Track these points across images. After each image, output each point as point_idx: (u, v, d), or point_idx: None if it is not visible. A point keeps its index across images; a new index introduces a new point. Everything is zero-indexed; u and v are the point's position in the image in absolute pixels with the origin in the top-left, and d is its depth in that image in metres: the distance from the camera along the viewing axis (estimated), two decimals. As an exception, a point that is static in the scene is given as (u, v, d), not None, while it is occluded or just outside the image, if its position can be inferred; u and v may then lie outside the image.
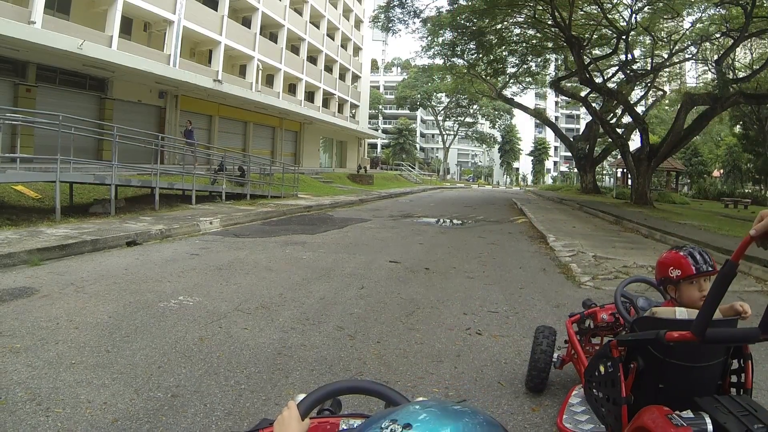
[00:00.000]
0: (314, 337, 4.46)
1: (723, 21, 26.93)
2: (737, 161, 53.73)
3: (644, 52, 33.76)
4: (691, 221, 17.33)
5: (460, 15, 26.18)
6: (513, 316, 5.36)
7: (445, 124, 75.00)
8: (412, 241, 10.97)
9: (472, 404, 0.94)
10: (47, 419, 2.86)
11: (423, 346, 4.40)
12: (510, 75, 35.75)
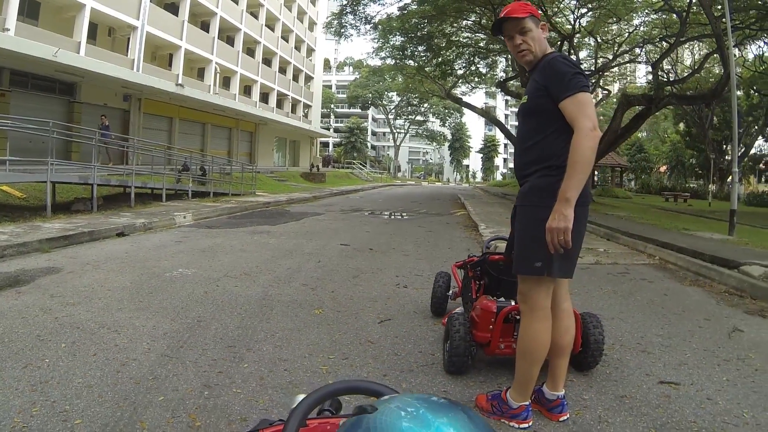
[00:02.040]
0: (286, 290, 6.17)
1: (663, 26, 28.22)
2: (681, 157, 55.88)
3: (590, 53, 34.50)
4: (619, 213, 19.19)
5: (410, 21, 27.05)
6: (432, 275, 7.02)
7: (396, 122, 76.27)
8: (359, 230, 12.77)
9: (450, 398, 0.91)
10: (119, 335, 4.37)
11: (364, 294, 6.17)
12: (458, 76, 36.57)
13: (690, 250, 10.08)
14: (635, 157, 60.59)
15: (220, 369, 3.71)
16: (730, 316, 5.93)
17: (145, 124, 26.43)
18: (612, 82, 44.32)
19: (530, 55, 3.13)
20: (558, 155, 2.95)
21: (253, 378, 3.60)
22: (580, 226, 2.96)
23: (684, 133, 50.70)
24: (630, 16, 28.33)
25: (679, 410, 3.42)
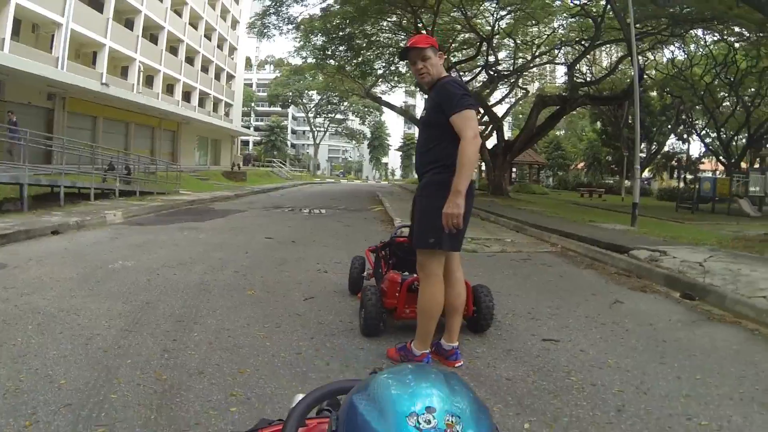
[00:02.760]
0: (220, 277, 6.78)
1: (580, 29, 29.03)
2: (597, 155, 56.78)
3: (509, 54, 34.99)
4: (532, 207, 20.32)
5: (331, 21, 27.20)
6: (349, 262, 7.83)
7: (315, 120, 75.47)
8: (282, 225, 13.36)
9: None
10: (78, 317, 4.85)
11: (290, 278, 6.87)
12: (378, 76, 36.60)
13: (589, 238, 11.11)
14: (553, 155, 61.31)
15: (174, 338, 4.33)
16: (614, 292, 6.94)
17: (70, 123, 25.73)
18: (530, 81, 44.88)
19: (428, 77, 3.97)
20: (448, 157, 3.77)
21: (203, 343, 4.25)
22: (466, 211, 3.77)
23: (600, 132, 52.00)
24: (549, 19, 28.74)
25: (556, 359, 4.29)
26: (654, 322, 5.54)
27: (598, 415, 3.33)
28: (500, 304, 5.43)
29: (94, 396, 3.22)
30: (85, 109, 27.70)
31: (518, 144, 29.82)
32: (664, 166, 58.05)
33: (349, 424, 0.87)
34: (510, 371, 4.01)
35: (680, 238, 11.59)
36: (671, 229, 14.37)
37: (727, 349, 4.72)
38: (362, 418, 0.85)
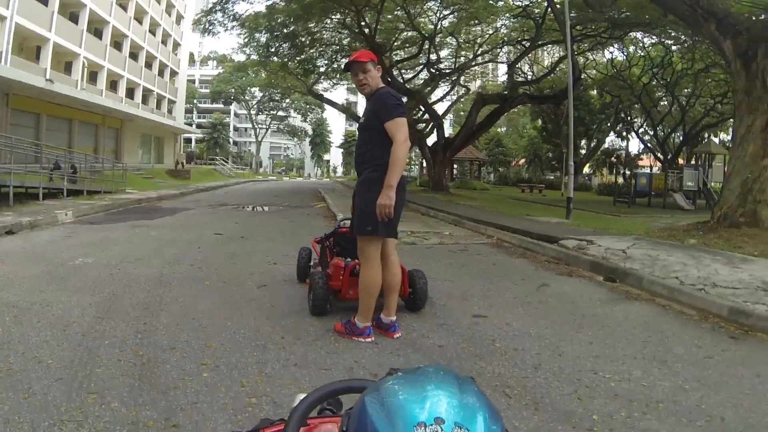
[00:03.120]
0: (177, 270, 7.22)
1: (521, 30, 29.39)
2: (538, 151, 57.18)
3: (451, 52, 34.84)
4: (471, 203, 20.97)
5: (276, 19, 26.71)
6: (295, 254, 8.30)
7: (258, 117, 74.59)
8: (229, 222, 13.74)
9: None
10: (51, 308, 5.18)
11: (242, 270, 7.37)
12: (320, 73, 36.18)
13: (523, 230, 11.83)
14: (494, 151, 61.24)
15: (144, 322, 4.81)
16: (543, 277, 7.70)
17: (13, 121, 24.84)
18: (472, 79, 44.90)
19: (368, 88, 4.63)
20: (383, 157, 4.43)
21: (171, 325, 4.75)
22: (398, 203, 4.44)
23: (541, 129, 52.32)
24: (491, 18, 28.97)
25: (484, 330, 4.98)
26: (576, 301, 6.32)
27: (517, 372, 4.01)
28: (436, 289, 6.13)
29: (81, 371, 3.66)
30: (29, 106, 26.84)
31: (458, 141, 30.17)
32: (603, 163, 58.39)
33: (360, 427, 0.87)
34: (442, 340, 4.68)
35: (609, 230, 12.49)
36: (604, 222, 15.32)
37: (638, 321, 5.51)
38: (371, 423, 0.85)
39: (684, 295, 6.50)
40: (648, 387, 3.79)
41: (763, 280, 6.82)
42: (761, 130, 11.82)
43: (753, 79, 12.13)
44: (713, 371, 4.14)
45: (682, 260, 8.17)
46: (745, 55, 12.32)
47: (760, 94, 11.97)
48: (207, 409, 3.16)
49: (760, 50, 12.00)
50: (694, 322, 5.60)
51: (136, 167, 33.91)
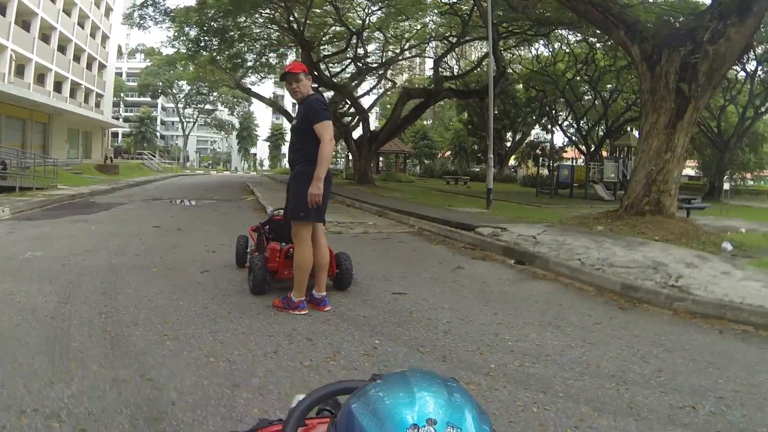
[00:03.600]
0: (124, 259, 7.66)
1: (448, 26, 29.55)
2: (464, 144, 56.15)
3: (378, 46, 34.56)
4: (395, 194, 21.42)
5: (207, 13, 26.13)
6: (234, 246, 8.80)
7: (185, 111, 72.60)
8: (165, 215, 14.00)
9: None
10: (14, 297, 5.47)
11: (184, 258, 7.90)
12: (248, 68, 35.67)
13: (442, 219, 12.58)
14: (419, 144, 60.24)
15: (105, 304, 5.32)
16: (458, 261, 8.55)
17: None
18: (399, 73, 44.93)
19: (300, 94, 5.36)
20: (312, 154, 5.18)
21: (129, 306, 5.28)
22: (326, 193, 5.23)
23: (467, 122, 51.38)
24: (419, 14, 29.03)
25: (402, 305, 5.76)
26: (487, 281, 7.18)
27: (431, 335, 4.81)
28: (360, 271, 6.85)
29: (58, 346, 4.16)
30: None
31: (384, 134, 30.27)
32: (529, 155, 58.08)
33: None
34: (366, 312, 5.42)
35: (526, 219, 13.43)
36: (523, 212, 16.25)
37: (541, 297, 6.42)
38: (360, 429, 0.84)
39: (584, 274, 7.39)
40: (540, 345, 4.64)
41: (655, 260, 7.84)
42: (664, 127, 12.57)
43: (657, 81, 12.87)
44: (599, 333, 5.05)
45: (585, 244, 9.14)
46: (650, 59, 13.06)
47: (664, 94, 12.69)
48: (175, 367, 3.79)
49: (663, 55, 12.74)
50: (591, 297, 6.54)
51: (64, 162, 32.48)
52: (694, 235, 11.13)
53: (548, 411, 3.38)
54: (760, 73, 34.60)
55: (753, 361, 4.43)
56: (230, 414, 3.14)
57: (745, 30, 12.17)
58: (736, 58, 14.80)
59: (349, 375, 3.81)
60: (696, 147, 45.35)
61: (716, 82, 13.99)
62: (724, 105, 36.80)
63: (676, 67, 12.60)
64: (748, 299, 5.90)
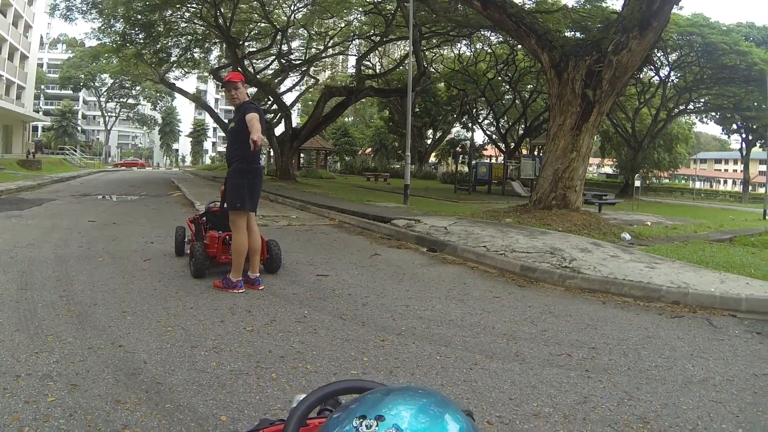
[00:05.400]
0: (69, 251, 7.70)
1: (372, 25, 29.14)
2: (384, 141, 55.44)
3: (302, 43, 33.61)
4: (316, 190, 21.30)
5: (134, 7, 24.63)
6: (170, 237, 8.96)
7: (107, 105, 68.28)
8: (97, 210, 13.71)
9: (430, 388, 0.95)
10: None
11: (126, 248, 8.05)
12: (173, 62, 33.97)
13: (361, 213, 13.05)
14: (340, 141, 57.62)
15: (63, 289, 5.54)
16: (375, 249, 9.12)
17: None
18: (321, 70, 43.69)
19: (238, 101, 5.85)
20: (246, 152, 5.65)
21: (86, 290, 5.54)
22: (256, 185, 5.84)
23: (387, 119, 50.62)
24: (344, 12, 28.28)
25: (326, 284, 6.33)
26: (401, 265, 7.84)
27: (351, 307, 5.41)
28: (287, 258, 7.30)
29: (31, 324, 4.40)
30: None
31: (306, 131, 29.63)
32: (449, 152, 55.85)
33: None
34: (294, 290, 5.96)
35: (441, 212, 14.06)
36: (440, 207, 16.83)
37: (448, 277, 7.14)
38: (331, 420, 0.85)
39: (488, 259, 8.11)
40: (444, 313, 5.34)
41: (553, 246, 8.69)
42: (570, 129, 13.00)
43: (564, 86, 13.21)
44: (496, 305, 5.81)
45: (492, 234, 9.91)
46: (558, 66, 13.39)
47: (570, 99, 13.07)
48: (139, 336, 4.20)
49: (571, 63, 13.10)
50: (493, 277, 7.30)
51: (-17, 159, 30.61)
52: (596, 227, 11.91)
53: (449, 358, 4.09)
54: (673, 78, 36.03)
55: (626, 324, 5.30)
56: (194, 367, 3.63)
57: (645, 43, 12.68)
58: (637, 67, 15.51)
59: (285, 337, 4.37)
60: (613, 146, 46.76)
61: (618, 89, 14.40)
62: (639, 107, 37.93)
63: (582, 75, 13.00)
64: (630, 277, 6.80)
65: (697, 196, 51.28)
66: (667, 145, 45.71)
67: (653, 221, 15.92)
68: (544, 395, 3.51)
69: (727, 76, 32.47)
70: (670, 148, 46.31)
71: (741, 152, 52.35)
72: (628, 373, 3.98)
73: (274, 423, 1.21)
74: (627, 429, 3.11)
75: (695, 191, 56.21)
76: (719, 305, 6.00)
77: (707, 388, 3.73)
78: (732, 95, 35.52)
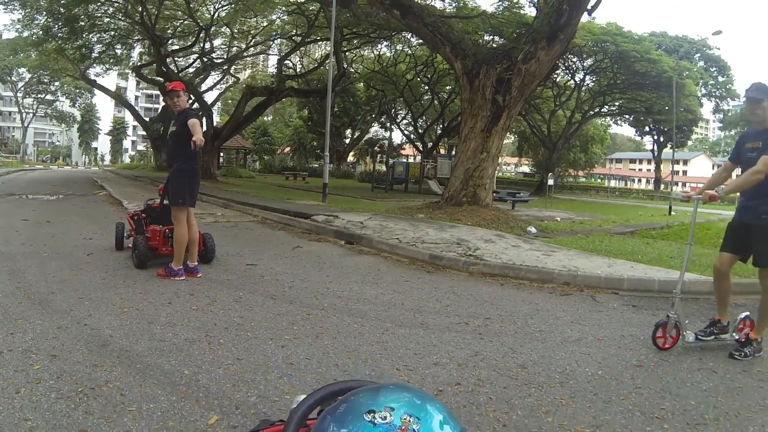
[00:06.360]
0: (13, 248, 7.69)
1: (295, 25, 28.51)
2: (303, 140, 53.11)
3: (224, 41, 32.48)
4: (238, 189, 21.12)
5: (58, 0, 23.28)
6: (106, 233, 9.19)
7: (24, 101, 62.99)
8: (27, 209, 13.18)
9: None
10: None
11: (66, 243, 8.15)
12: (95, 58, 32.30)
13: (282, 209, 13.39)
14: (260, 140, 55.74)
15: (18, 280, 5.75)
16: (297, 242, 9.64)
17: None
18: (242, 69, 42.48)
19: (179, 107, 6.31)
20: (188, 154, 6.17)
21: (40, 281, 5.78)
22: (195, 183, 6.33)
23: (306, 119, 48.83)
24: (267, 11, 27.45)
25: (255, 272, 6.85)
26: (321, 255, 8.43)
27: (279, 289, 6.00)
28: (218, 250, 7.63)
29: (6, 308, 4.77)
30: None
31: (227, 131, 28.98)
32: (367, 152, 54.27)
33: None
34: (228, 277, 6.48)
35: (357, 209, 14.55)
36: (358, 204, 17.25)
37: (364, 265, 7.81)
38: (327, 423, 0.81)
39: (400, 249, 8.75)
40: (360, 293, 6.03)
41: (460, 238, 9.45)
42: (481, 132, 13.49)
43: (476, 92, 13.65)
44: (407, 287, 6.55)
45: (404, 227, 10.59)
46: (470, 73, 13.84)
47: (481, 104, 13.52)
48: (100, 316, 4.63)
49: (482, 70, 13.55)
50: (404, 265, 8.01)
51: None
52: (505, 222, 12.64)
53: (365, 327, 4.81)
54: (588, 82, 36.97)
55: (520, 300, 6.15)
56: (153, 338, 4.16)
57: (553, 53, 13.27)
58: (545, 75, 15.56)
59: (226, 313, 4.95)
60: (530, 147, 47.46)
61: (527, 95, 14.90)
62: (555, 110, 38.59)
63: (493, 81, 13.45)
64: (527, 262, 7.63)
65: (611, 194, 52.03)
66: (583, 146, 46.53)
67: (563, 217, 16.66)
68: (443, 351, 4.28)
69: (639, 82, 33.44)
70: (586, 148, 47.12)
71: (653, 153, 54.30)
72: (515, 335, 4.81)
73: (275, 423, 1.21)
74: (508, 372, 3.91)
75: (610, 189, 57.48)
76: (604, 285, 6.75)
77: (579, 344, 4.61)
78: (644, 99, 36.38)
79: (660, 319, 4.61)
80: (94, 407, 2.97)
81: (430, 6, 19.77)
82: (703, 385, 3.82)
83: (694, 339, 4.55)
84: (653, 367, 4.14)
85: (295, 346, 4.19)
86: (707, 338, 4.61)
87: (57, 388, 3.21)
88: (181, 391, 3.26)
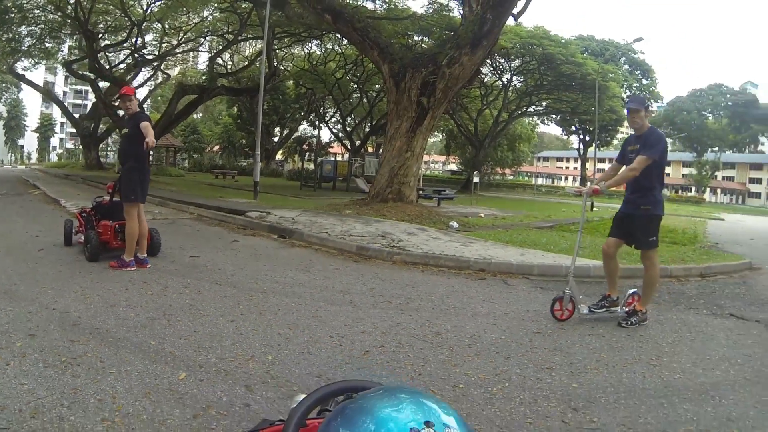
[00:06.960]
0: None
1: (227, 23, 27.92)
2: (233, 138, 51.98)
3: (156, 38, 31.73)
4: (170, 187, 20.86)
5: None
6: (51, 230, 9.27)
7: None
8: None
9: None
10: None
11: (16, 242, 8.19)
12: (24, 51, 30.68)
13: (217, 207, 13.61)
14: (189, 138, 53.57)
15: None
16: (234, 237, 9.98)
17: None
18: (173, 66, 41.11)
19: (131, 111, 6.66)
20: (139, 154, 6.53)
21: (2, 275, 5.99)
22: (146, 179, 6.65)
23: (236, 117, 47.87)
24: (200, 8, 27.05)
25: (199, 263, 7.27)
26: (256, 248, 8.90)
27: (223, 276, 6.53)
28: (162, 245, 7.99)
29: None
30: None
31: (158, 129, 26.00)
32: (295, 150, 51.71)
33: None
34: (175, 267, 6.91)
35: (288, 206, 14.91)
36: (287, 201, 17.54)
37: (296, 257, 8.34)
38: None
39: (330, 242, 9.24)
40: (295, 279, 6.62)
41: (384, 231, 10.01)
42: (406, 132, 13.89)
43: (402, 94, 14.02)
44: (336, 273, 7.18)
45: (333, 222, 11.06)
46: (396, 76, 14.21)
47: (406, 105, 13.90)
48: (66, 302, 5.03)
49: (408, 74, 13.92)
50: (333, 256, 8.58)
51: None
52: (428, 217, 13.15)
53: (300, 305, 5.44)
54: (516, 83, 37.38)
55: (438, 284, 6.89)
56: (118, 317, 4.65)
57: (476, 58, 13.70)
58: (468, 79, 15.67)
59: (178, 297, 5.48)
60: (458, 145, 47.50)
61: (450, 97, 15.29)
62: (482, 109, 38.74)
63: (418, 84, 13.80)
64: (446, 252, 8.31)
65: (538, 191, 52.35)
66: (510, 144, 47.12)
67: (487, 213, 17.23)
68: (369, 323, 5.00)
69: (565, 83, 33.89)
70: (514, 146, 47.81)
71: (579, 151, 55.89)
72: (432, 311, 5.57)
73: (274, 423, 1.19)
74: (425, 337, 4.67)
75: (536, 187, 58.21)
76: (516, 271, 7.36)
77: (488, 317, 5.43)
78: (570, 100, 36.86)
79: (557, 294, 5.42)
80: (79, 372, 3.48)
81: (362, 8, 20.00)
82: (591, 346, 4.70)
83: (588, 311, 5.38)
84: (550, 333, 4.99)
85: (242, 320, 4.80)
86: (599, 310, 5.43)
87: (42, 359, 3.67)
88: (152, 357, 3.81)
